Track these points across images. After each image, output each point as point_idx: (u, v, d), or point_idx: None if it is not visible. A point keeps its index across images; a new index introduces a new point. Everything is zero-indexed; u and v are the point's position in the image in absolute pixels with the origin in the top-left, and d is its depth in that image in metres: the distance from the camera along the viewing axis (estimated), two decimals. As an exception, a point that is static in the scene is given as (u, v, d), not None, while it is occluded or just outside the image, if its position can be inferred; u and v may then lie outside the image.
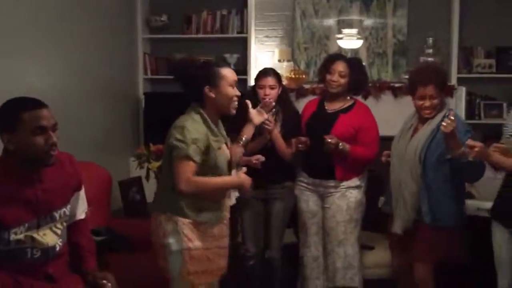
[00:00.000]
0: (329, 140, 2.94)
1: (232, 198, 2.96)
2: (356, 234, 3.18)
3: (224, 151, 2.34)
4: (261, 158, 2.84)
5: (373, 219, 3.28)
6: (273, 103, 2.94)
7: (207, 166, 2.25)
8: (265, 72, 3.13)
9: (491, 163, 2.54)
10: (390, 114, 3.04)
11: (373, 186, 3.28)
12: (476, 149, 2.35)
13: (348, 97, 3.19)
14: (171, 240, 2.23)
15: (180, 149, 2.18)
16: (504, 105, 4.22)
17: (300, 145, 3.06)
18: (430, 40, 4.27)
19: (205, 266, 2.29)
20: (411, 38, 4.39)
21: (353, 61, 3.24)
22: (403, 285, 3.02)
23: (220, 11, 4.59)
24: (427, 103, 2.70)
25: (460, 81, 4.24)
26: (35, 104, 1.91)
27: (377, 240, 3.55)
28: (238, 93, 2.35)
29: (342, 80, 3.10)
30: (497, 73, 4.24)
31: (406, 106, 3.07)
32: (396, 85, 4.24)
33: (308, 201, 3.23)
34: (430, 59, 4.21)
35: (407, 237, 2.80)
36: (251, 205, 3.20)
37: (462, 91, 4.22)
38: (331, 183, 3.15)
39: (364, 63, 3.34)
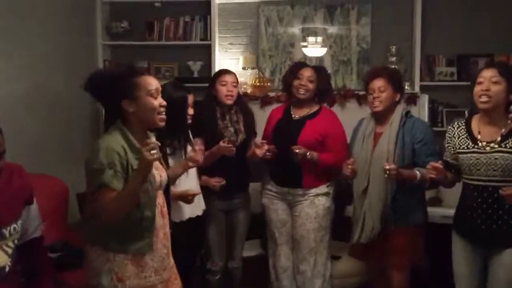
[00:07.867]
0: (297, 151, 2.90)
1: (200, 209, 2.87)
2: (326, 242, 3.15)
3: None
4: (222, 181, 2.90)
5: (339, 228, 3.25)
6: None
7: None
8: (227, 71, 3.17)
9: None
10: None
11: (340, 194, 3.25)
12: (434, 173, 2.42)
13: (314, 104, 3.17)
14: (103, 280, 1.94)
15: (96, 178, 1.89)
16: (466, 112, 4.28)
17: (267, 154, 3.01)
18: (393, 48, 4.30)
19: None
20: (374, 46, 4.41)
21: (319, 68, 3.23)
22: None
23: (183, 17, 4.52)
24: (376, 94, 2.77)
25: (423, 88, 4.29)
26: None
27: (343, 250, 3.51)
28: (163, 102, 2.03)
29: (311, 85, 3.09)
30: (458, 80, 4.31)
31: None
32: (361, 93, 4.24)
33: (278, 210, 3.19)
34: (393, 67, 4.24)
35: (373, 244, 2.81)
36: (215, 218, 3.12)
37: (425, 99, 4.27)
38: (299, 191, 3.11)
39: (328, 72, 3.36)
